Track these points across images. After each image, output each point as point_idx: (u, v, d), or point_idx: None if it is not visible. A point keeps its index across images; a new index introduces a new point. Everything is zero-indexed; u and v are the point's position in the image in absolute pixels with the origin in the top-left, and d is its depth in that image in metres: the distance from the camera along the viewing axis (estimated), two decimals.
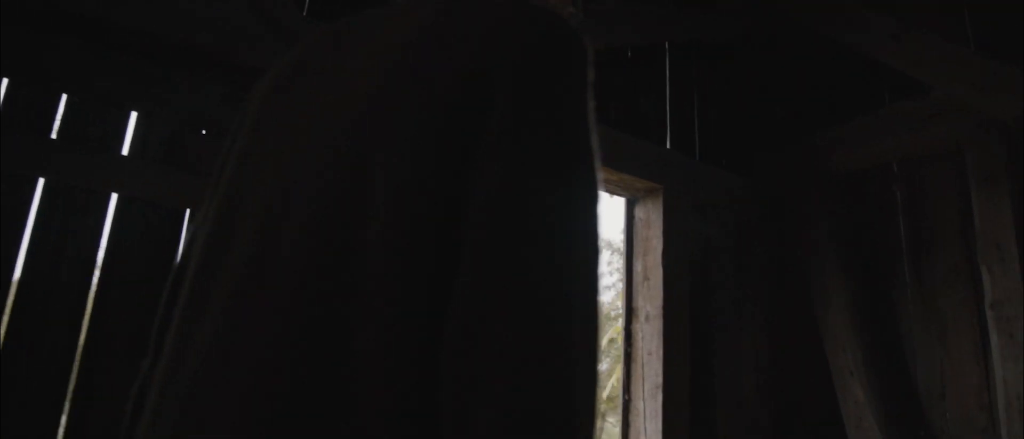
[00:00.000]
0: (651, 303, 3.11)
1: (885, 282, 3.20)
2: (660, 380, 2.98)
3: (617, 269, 17.30)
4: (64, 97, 2.11)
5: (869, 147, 3.17)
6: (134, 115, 2.21)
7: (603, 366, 14.93)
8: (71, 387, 1.97)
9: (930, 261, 3.05)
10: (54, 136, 2.08)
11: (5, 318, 1.93)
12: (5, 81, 2.05)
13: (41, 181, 2.03)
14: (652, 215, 3.23)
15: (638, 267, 3.22)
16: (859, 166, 3.29)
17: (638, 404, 3.06)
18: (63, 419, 1.95)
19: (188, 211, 2.25)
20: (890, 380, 3.06)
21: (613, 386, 13.80)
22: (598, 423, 0.68)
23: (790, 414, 3.34)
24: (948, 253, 3.00)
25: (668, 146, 3.47)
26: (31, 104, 2.05)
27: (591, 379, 0.67)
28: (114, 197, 2.13)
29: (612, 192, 3.31)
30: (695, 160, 3.50)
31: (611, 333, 15.09)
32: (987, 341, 2.76)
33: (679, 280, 3.16)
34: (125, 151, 2.18)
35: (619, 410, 3.22)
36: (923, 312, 3.04)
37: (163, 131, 2.22)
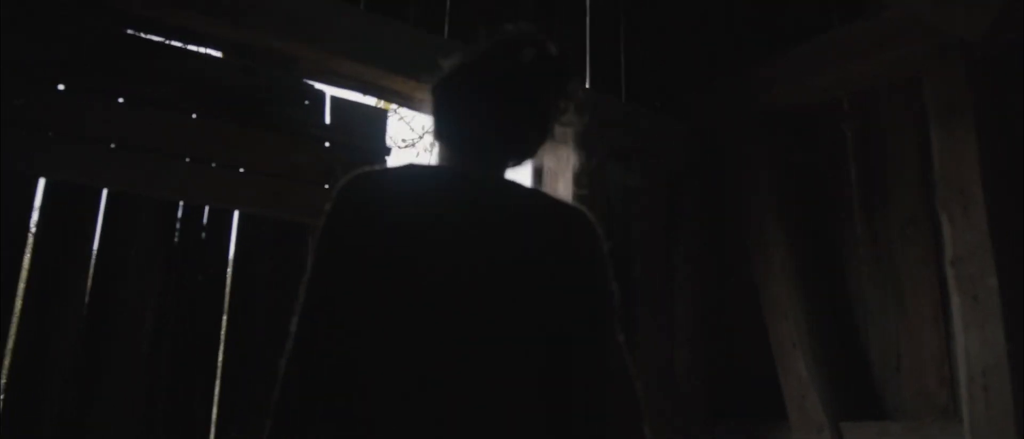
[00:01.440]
0: None
1: (834, 237, 2.75)
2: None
3: None
4: None
5: (813, 79, 2.70)
6: None
7: None
8: None
9: (885, 212, 2.60)
10: None
11: None
12: None
13: None
14: (561, 164, 2.75)
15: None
16: (804, 102, 2.82)
17: None
18: None
19: None
20: (838, 351, 2.64)
21: None
22: None
23: (727, 393, 2.90)
24: (905, 202, 2.55)
25: (587, 85, 2.98)
26: None
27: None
28: None
29: None
30: (617, 100, 3.02)
31: None
32: (949, 304, 2.33)
33: None
34: None
35: None
36: (877, 271, 2.60)
37: None
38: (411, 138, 7.13)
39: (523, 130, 1.30)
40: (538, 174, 2.85)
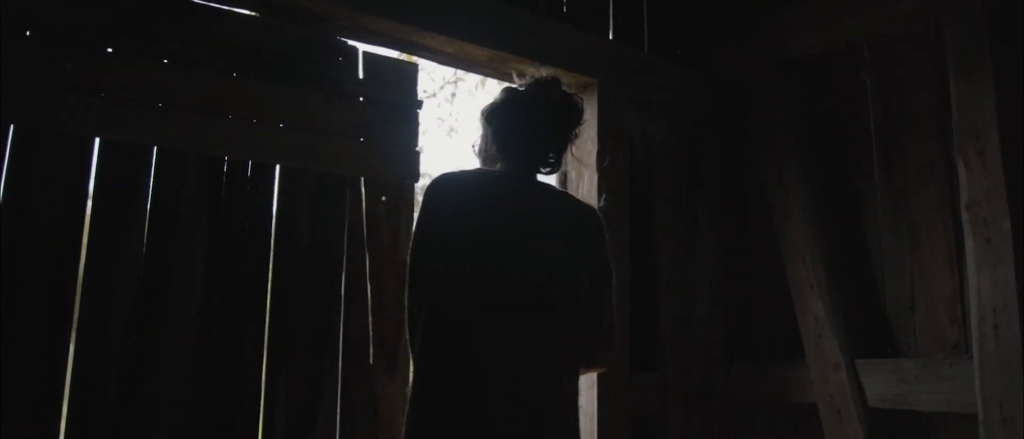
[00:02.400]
0: None
1: (852, 184, 2.82)
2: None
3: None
4: None
5: (832, 26, 2.73)
6: None
7: None
8: None
9: (902, 158, 2.67)
10: None
11: None
12: None
13: None
14: (587, 114, 2.78)
15: (572, 174, 2.84)
16: (823, 50, 2.86)
17: None
18: None
19: None
20: (854, 293, 2.73)
21: None
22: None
23: (747, 333, 3.02)
24: (922, 148, 2.61)
25: (610, 37, 3.03)
26: None
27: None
28: None
29: None
30: (639, 51, 3.07)
31: None
32: (963, 247, 2.41)
33: (616, 185, 2.79)
34: None
35: None
36: (893, 216, 2.67)
37: None
38: (433, 89, 7.19)
39: (549, 146, 1.84)
40: None
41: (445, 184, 1.76)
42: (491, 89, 5.32)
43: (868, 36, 2.75)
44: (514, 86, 1.88)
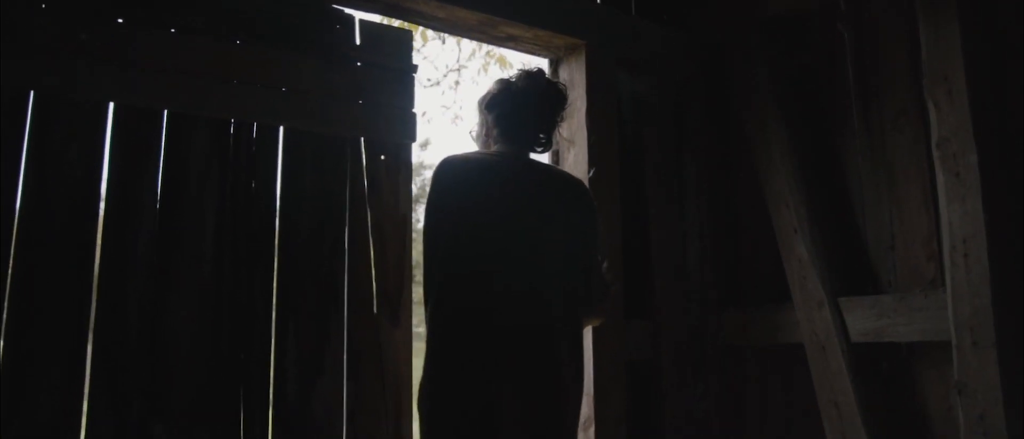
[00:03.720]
0: (576, 169, 2.87)
1: (832, 131, 2.94)
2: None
3: None
4: None
5: None
6: None
7: None
8: None
9: (879, 104, 2.78)
10: None
11: None
12: None
13: None
14: (576, 74, 2.95)
15: (564, 133, 2.95)
16: (802, 7, 2.96)
17: None
18: None
19: None
20: (836, 235, 2.85)
21: None
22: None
23: (737, 281, 3.15)
24: (897, 94, 2.72)
25: (601, 2, 3.14)
26: None
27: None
28: None
29: (532, 52, 3.03)
30: (626, 14, 3.18)
31: None
32: (937, 186, 2.51)
33: (607, 142, 2.91)
34: None
35: None
36: (871, 160, 2.79)
37: None
38: (436, 77, 7.32)
39: (540, 128, 2.11)
40: None
41: (452, 165, 2.00)
42: (493, 75, 5.47)
43: None
44: (506, 78, 2.14)
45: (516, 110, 2.07)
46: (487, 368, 1.84)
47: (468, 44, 5.45)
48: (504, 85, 2.11)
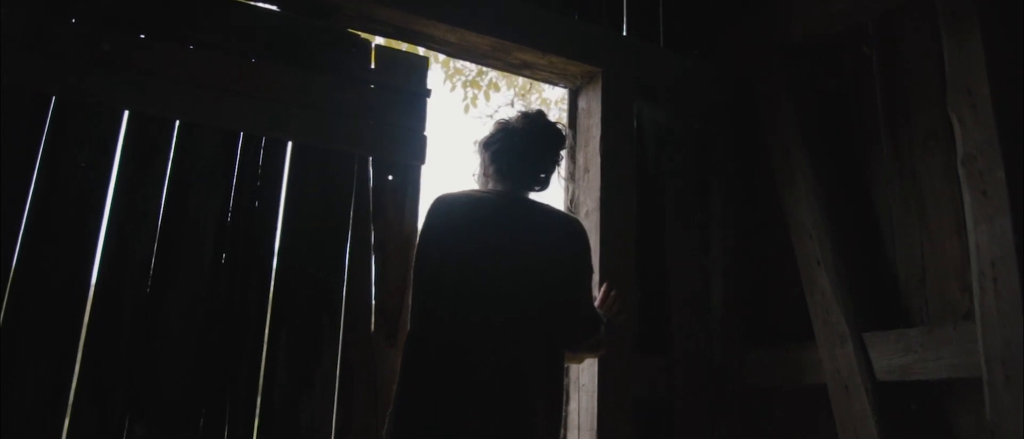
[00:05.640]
0: (590, 196, 2.81)
1: (860, 159, 2.77)
2: (597, 278, 2.67)
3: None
4: None
5: (830, 5, 2.74)
6: None
7: None
8: None
9: (908, 129, 2.61)
10: None
11: None
12: None
13: None
14: (592, 103, 2.92)
15: (580, 160, 2.92)
16: (826, 30, 2.86)
17: None
18: None
19: None
20: (864, 268, 2.65)
21: None
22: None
23: (764, 319, 2.96)
24: (926, 117, 2.55)
25: (625, 32, 3.13)
26: None
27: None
28: None
29: (548, 80, 3.02)
30: (645, 41, 3.13)
31: None
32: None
33: (622, 171, 2.84)
34: None
35: None
36: (900, 187, 2.60)
37: None
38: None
39: (538, 168, 2.13)
40: (573, 112, 3.03)
41: (443, 202, 2.07)
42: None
43: (871, 13, 2.74)
44: (506, 118, 2.18)
45: (511, 149, 2.10)
46: (455, 419, 1.84)
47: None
48: (502, 126, 2.16)
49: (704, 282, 2.96)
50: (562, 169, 2.20)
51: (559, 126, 2.20)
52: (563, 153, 2.19)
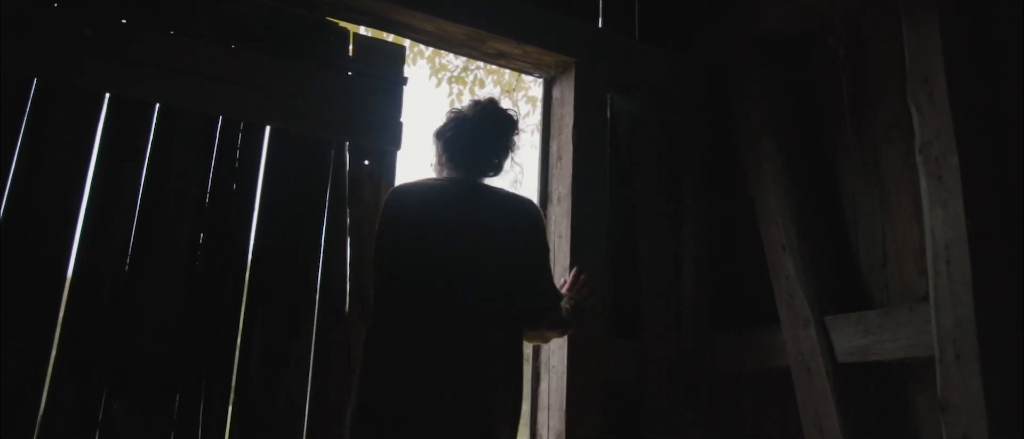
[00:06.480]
0: (562, 183, 2.88)
1: (826, 148, 2.85)
2: (567, 263, 2.74)
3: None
4: None
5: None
6: None
7: None
8: None
9: (872, 119, 2.68)
10: None
11: None
12: None
13: None
14: (566, 92, 2.98)
15: (553, 148, 2.99)
16: (795, 25, 2.93)
17: None
18: None
19: None
20: (829, 253, 2.71)
21: None
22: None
23: (734, 305, 3.02)
24: (889, 108, 2.62)
25: (600, 24, 3.19)
26: None
27: None
28: None
29: (523, 70, 3.09)
30: (619, 34, 3.20)
31: None
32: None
33: (594, 158, 2.91)
34: None
35: None
36: (864, 175, 2.68)
37: None
38: None
39: (490, 154, 2.17)
40: (548, 102, 3.10)
41: (398, 193, 2.19)
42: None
43: (835, 7, 2.80)
44: (458, 107, 2.26)
45: (462, 137, 2.15)
46: (416, 399, 1.90)
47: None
48: (454, 114, 2.22)
49: (676, 269, 3.03)
50: (517, 154, 2.26)
51: (511, 112, 2.25)
52: (517, 138, 2.22)
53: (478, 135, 2.15)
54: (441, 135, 2.20)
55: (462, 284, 2.00)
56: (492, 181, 2.21)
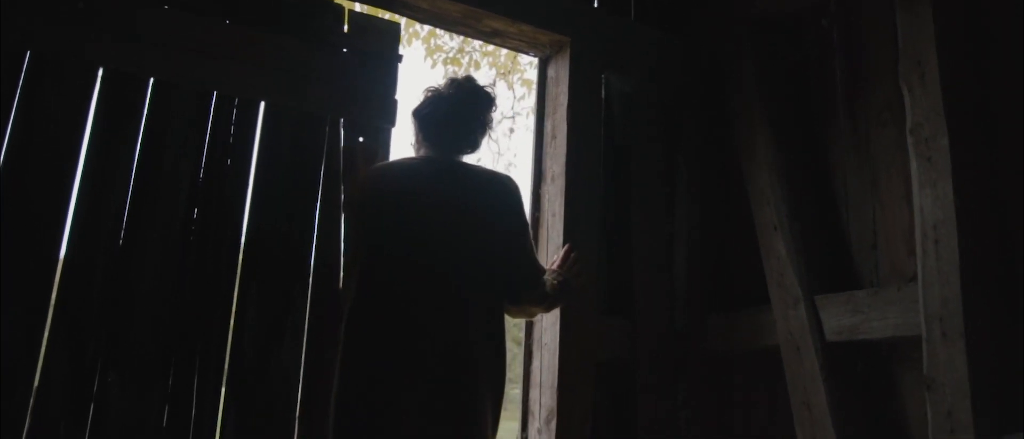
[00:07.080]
0: (556, 162, 2.89)
1: (819, 130, 2.86)
2: (560, 241, 2.75)
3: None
4: None
5: None
6: None
7: None
8: None
9: (865, 101, 2.70)
10: None
11: None
12: None
13: None
14: (561, 72, 2.99)
15: (548, 127, 2.99)
16: (791, 6, 2.93)
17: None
18: None
19: None
20: (820, 234, 2.74)
21: None
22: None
23: (727, 286, 3.05)
24: (882, 90, 2.64)
25: (596, 4, 3.19)
26: None
27: None
28: None
29: (518, 49, 3.09)
30: (615, 14, 3.20)
31: None
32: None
33: (588, 137, 2.92)
34: None
35: None
36: (856, 157, 2.70)
37: None
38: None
39: (465, 131, 2.19)
40: (542, 80, 3.10)
41: (374, 172, 2.24)
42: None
43: None
44: (435, 86, 2.24)
45: (437, 115, 2.17)
46: (398, 379, 1.92)
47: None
48: (431, 93, 2.22)
49: (668, 248, 3.04)
50: (495, 130, 2.28)
51: (487, 89, 2.24)
52: (494, 115, 2.23)
53: (454, 112, 2.16)
54: (418, 113, 2.21)
55: (443, 260, 2.01)
56: (469, 158, 2.24)
